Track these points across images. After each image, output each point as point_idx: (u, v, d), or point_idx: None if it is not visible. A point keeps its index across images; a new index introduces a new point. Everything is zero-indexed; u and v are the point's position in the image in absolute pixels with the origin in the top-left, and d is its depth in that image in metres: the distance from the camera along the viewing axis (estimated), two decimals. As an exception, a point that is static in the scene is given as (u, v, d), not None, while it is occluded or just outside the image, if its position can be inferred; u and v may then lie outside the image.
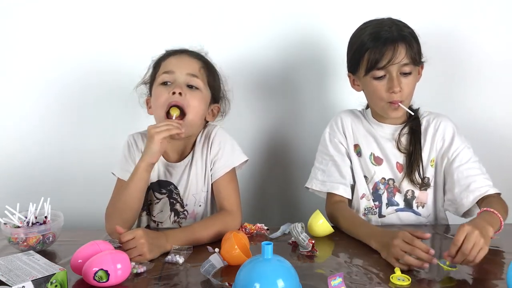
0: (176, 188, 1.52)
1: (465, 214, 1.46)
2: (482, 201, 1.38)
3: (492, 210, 1.27)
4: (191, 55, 1.50)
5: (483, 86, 1.87)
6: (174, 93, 1.41)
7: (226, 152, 1.50)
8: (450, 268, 1.14)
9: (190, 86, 1.45)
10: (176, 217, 1.53)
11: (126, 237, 1.23)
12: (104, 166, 1.65)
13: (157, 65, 1.52)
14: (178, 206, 1.53)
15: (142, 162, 1.38)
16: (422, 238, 1.19)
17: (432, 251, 1.15)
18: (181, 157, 1.54)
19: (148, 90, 1.55)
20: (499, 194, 1.41)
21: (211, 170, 1.51)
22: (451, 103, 1.85)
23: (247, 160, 1.55)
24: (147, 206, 1.54)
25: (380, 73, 1.43)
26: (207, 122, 1.56)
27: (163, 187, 1.53)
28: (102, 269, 1.08)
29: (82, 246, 1.17)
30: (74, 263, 1.14)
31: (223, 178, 1.49)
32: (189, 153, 1.53)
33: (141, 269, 1.17)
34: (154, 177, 1.52)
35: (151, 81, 1.53)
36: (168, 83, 1.45)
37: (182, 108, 1.42)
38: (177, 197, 1.53)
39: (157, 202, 1.53)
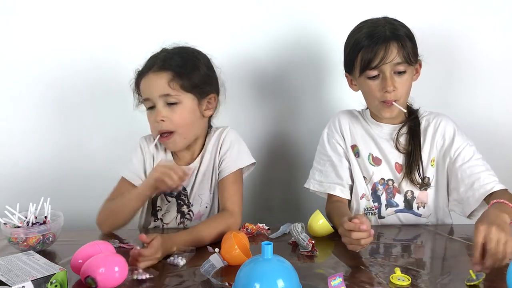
0: (184, 189, 1.53)
1: (471, 215, 1.43)
2: (490, 198, 1.35)
3: (502, 200, 1.24)
4: (157, 70, 1.44)
5: (481, 86, 1.86)
6: (157, 121, 1.44)
7: (234, 152, 1.51)
8: (479, 281, 1.09)
9: (169, 103, 1.44)
10: (182, 219, 1.54)
11: (147, 253, 1.20)
12: (104, 166, 1.66)
13: (136, 86, 1.51)
14: (184, 208, 1.53)
15: (136, 188, 1.44)
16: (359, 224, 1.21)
17: (364, 227, 1.19)
18: (192, 159, 1.54)
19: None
20: (506, 189, 1.38)
21: (218, 169, 1.51)
22: (448, 103, 1.84)
23: (254, 163, 1.55)
24: (155, 212, 1.55)
25: (373, 72, 1.43)
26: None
27: (174, 189, 1.53)
28: (89, 276, 1.06)
29: (82, 247, 1.17)
30: (74, 263, 1.14)
31: (227, 178, 1.49)
32: (199, 154, 1.54)
33: (144, 276, 1.14)
34: None
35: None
36: (152, 108, 1.46)
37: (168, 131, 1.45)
38: (184, 198, 1.53)
39: (167, 204, 1.54)
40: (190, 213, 1.53)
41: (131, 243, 1.35)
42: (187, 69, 1.46)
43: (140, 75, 1.48)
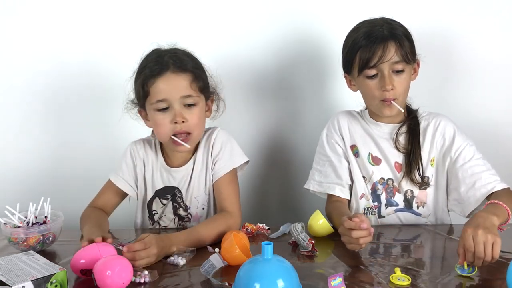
0: (180, 192, 1.53)
1: (471, 215, 1.42)
2: (491, 198, 1.36)
3: (496, 201, 1.25)
4: (177, 71, 1.40)
5: (480, 86, 1.86)
6: (176, 122, 1.40)
7: (227, 152, 1.51)
8: (470, 274, 1.12)
9: (187, 104, 1.41)
10: (180, 221, 1.54)
11: (138, 247, 1.19)
12: (104, 165, 1.65)
13: (144, 86, 1.42)
14: (181, 211, 1.53)
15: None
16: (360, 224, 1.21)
17: (364, 225, 1.20)
18: (184, 161, 1.53)
19: (137, 104, 1.50)
20: (508, 188, 1.39)
21: (212, 171, 1.51)
22: (447, 103, 1.84)
23: (248, 162, 1.55)
24: (152, 216, 1.55)
25: (372, 71, 1.44)
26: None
27: (168, 192, 1.53)
28: None
29: (82, 248, 1.17)
30: (75, 263, 1.14)
31: (223, 179, 1.49)
32: (192, 156, 1.53)
33: (143, 279, 1.13)
34: (159, 184, 1.53)
35: (141, 100, 1.46)
36: (166, 109, 1.41)
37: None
38: (180, 201, 1.53)
39: (162, 207, 1.54)
40: (189, 215, 1.53)
41: (124, 242, 1.33)
42: (200, 71, 1.46)
43: (155, 74, 1.40)
